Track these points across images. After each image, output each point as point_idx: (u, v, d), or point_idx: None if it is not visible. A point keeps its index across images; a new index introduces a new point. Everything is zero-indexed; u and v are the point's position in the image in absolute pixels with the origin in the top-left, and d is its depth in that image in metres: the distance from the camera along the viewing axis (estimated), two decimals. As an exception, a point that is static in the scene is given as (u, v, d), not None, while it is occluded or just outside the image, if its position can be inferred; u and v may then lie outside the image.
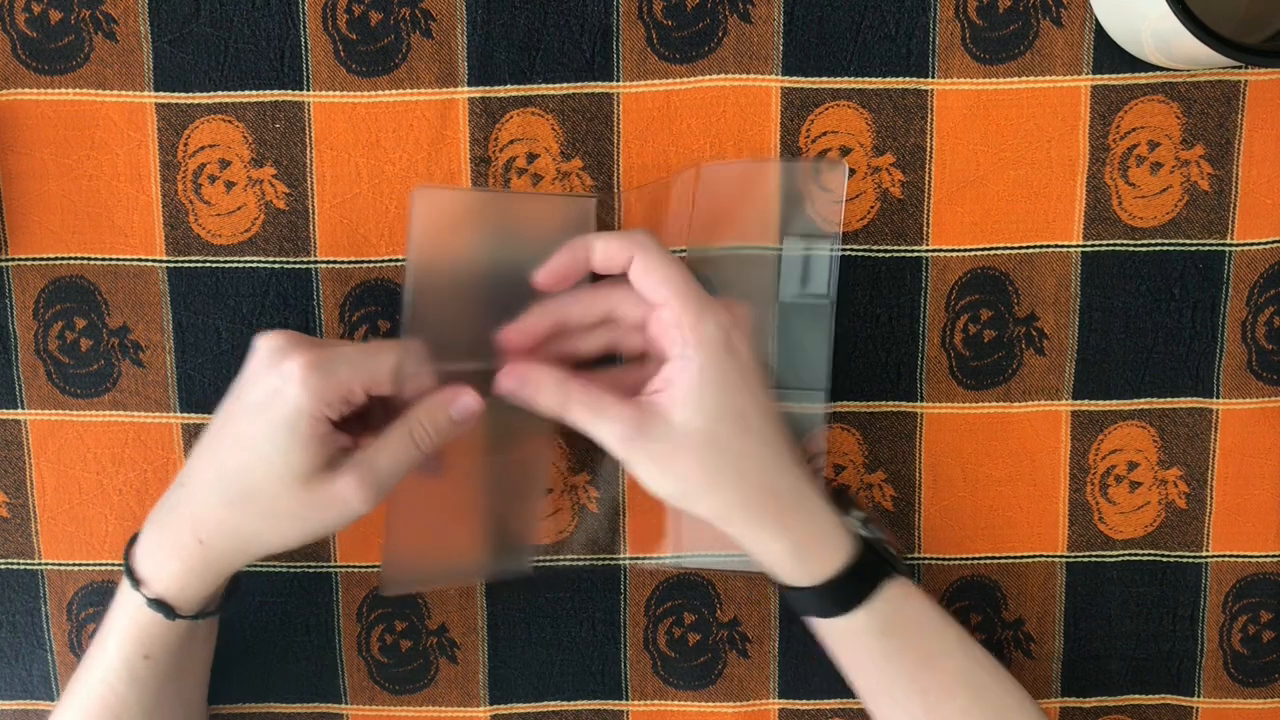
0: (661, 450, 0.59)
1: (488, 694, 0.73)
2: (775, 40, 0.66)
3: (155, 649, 0.62)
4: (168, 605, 0.61)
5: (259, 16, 0.66)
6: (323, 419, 0.58)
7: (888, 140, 0.67)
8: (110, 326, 0.69)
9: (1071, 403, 0.70)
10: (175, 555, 0.61)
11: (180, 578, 0.61)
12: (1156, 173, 0.67)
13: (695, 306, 0.59)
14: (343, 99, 0.66)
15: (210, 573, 0.61)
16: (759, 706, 0.73)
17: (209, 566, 0.60)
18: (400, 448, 0.59)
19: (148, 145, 0.67)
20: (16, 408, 0.70)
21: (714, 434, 0.59)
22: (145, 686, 0.63)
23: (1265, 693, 0.72)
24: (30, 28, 0.66)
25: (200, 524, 0.60)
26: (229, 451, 0.59)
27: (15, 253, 0.68)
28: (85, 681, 0.63)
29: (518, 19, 0.66)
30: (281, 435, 0.57)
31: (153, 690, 0.63)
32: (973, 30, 0.66)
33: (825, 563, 0.62)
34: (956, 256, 0.68)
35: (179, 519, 0.61)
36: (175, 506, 0.61)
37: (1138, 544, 0.71)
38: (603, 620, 0.72)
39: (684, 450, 0.59)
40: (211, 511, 0.59)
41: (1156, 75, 0.66)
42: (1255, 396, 0.69)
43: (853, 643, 0.64)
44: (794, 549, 0.61)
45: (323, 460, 0.58)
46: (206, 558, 0.60)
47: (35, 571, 0.71)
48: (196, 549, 0.60)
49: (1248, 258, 0.68)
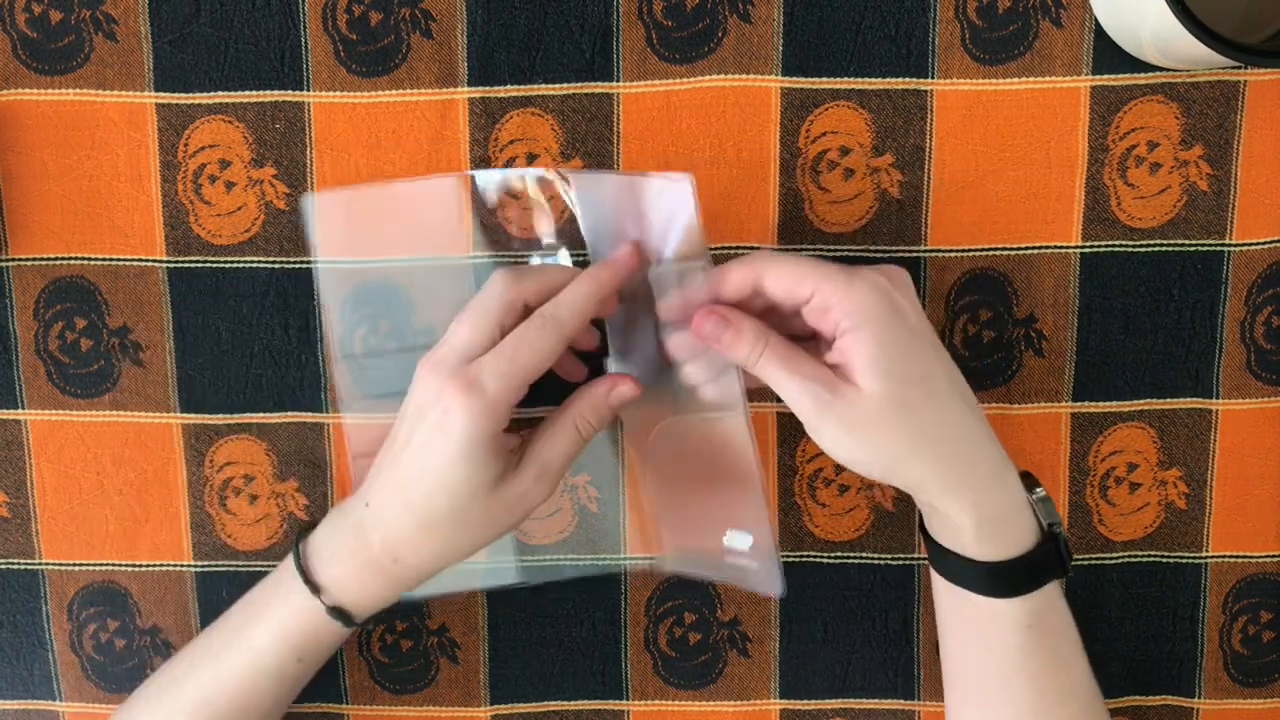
0: (857, 416, 0.57)
1: (488, 694, 0.73)
2: (775, 40, 0.66)
3: (309, 652, 0.63)
4: (347, 614, 0.62)
5: (259, 17, 0.66)
6: (495, 436, 0.58)
7: (887, 140, 0.67)
8: (110, 327, 0.69)
9: (1071, 404, 0.69)
10: (367, 569, 0.61)
11: (371, 591, 0.62)
12: (1155, 173, 0.67)
13: (841, 280, 0.57)
14: (343, 99, 0.66)
15: (400, 587, 0.62)
16: (759, 706, 0.73)
17: (401, 582, 0.62)
18: (567, 439, 0.61)
19: (148, 145, 0.67)
20: (17, 408, 0.70)
21: (904, 398, 0.57)
22: (286, 686, 0.64)
23: (1265, 693, 0.72)
24: (30, 28, 0.66)
25: (395, 546, 0.61)
26: (414, 483, 0.59)
27: (15, 253, 0.68)
28: (217, 665, 0.63)
29: (518, 19, 0.66)
30: (459, 463, 0.58)
31: (290, 689, 0.64)
32: (972, 31, 0.66)
33: (1006, 544, 0.59)
34: (955, 257, 0.68)
35: (369, 539, 0.61)
36: (361, 524, 0.61)
37: (1137, 545, 0.71)
38: (603, 620, 0.72)
39: (878, 418, 0.57)
40: (406, 535, 0.60)
41: (1156, 75, 0.66)
42: (1255, 397, 0.69)
43: (990, 626, 0.61)
44: (979, 524, 0.59)
45: (500, 469, 0.59)
46: (402, 576, 0.61)
47: (35, 572, 0.71)
48: (392, 567, 0.61)
49: (1246, 258, 0.68)
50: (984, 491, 0.59)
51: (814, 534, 0.71)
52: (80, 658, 0.72)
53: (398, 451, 0.60)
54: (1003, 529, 0.59)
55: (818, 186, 0.67)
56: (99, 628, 0.72)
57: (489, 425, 0.57)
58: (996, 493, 0.59)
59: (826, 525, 0.71)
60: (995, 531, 0.59)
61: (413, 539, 0.60)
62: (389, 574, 0.61)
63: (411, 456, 0.59)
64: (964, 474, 0.59)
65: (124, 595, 0.71)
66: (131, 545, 0.71)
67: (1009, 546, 0.60)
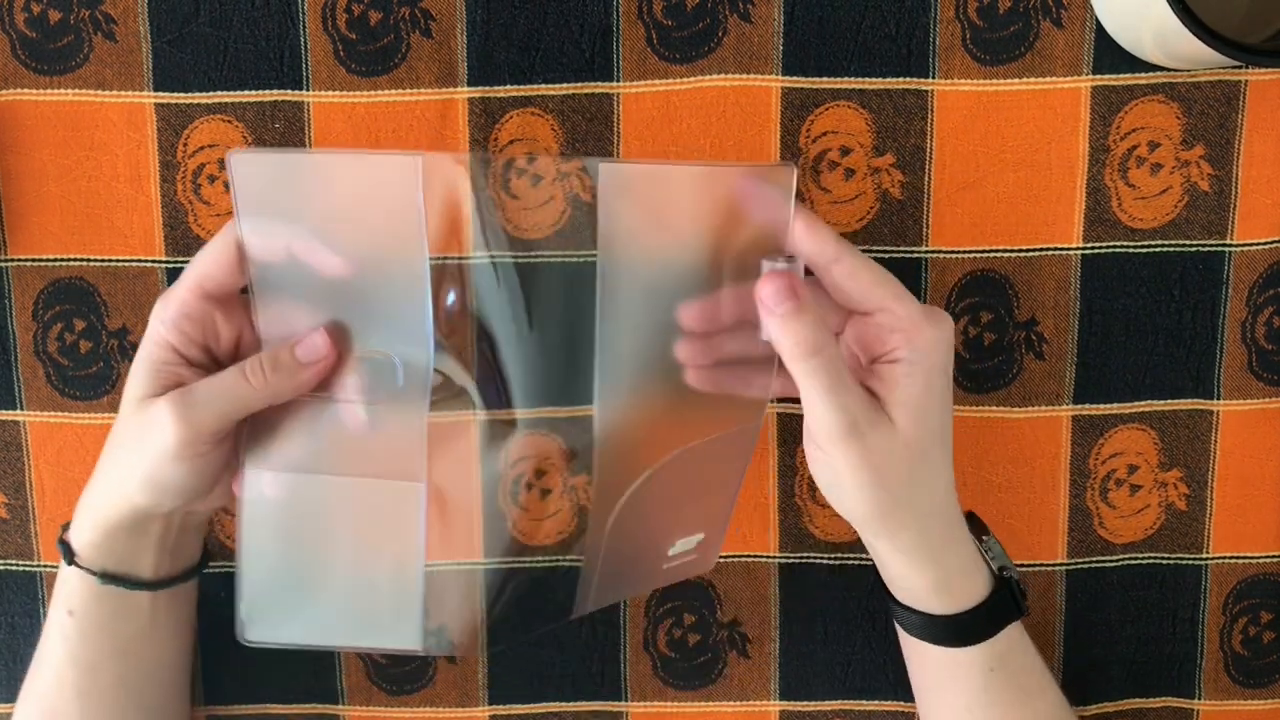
0: (881, 453, 0.55)
1: (487, 694, 0.73)
2: (775, 40, 0.66)
3: (76, 604, 0.62)
4: (69, 547, 0.62)
5: (259, 16, 0.66)
6: (162, 344, 0.58)
7: (888, 141, 0.67)
8: (109, 328, 0.69)
9: (1072, 407, 0.69)
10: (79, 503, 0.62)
11: (77, 521, 0.62)
12: (1156, 173, 0.67)
13: (919, 314, 0.56)
14: (342, 99, 0.66)
15: (100, 517, 0.60)
16: (759, 707, 0.73)
17: (96, 511, 0.61)
18: (227, 377, 0.57)
19: (147, 146, 0.67)
20: (16, 409, 0.70)
21: (927, 450, 0.56)
22: (73, 646, 0.63)
23: (1266, 694, 0.72)
24: (30, 28, 0.66)
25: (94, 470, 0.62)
26: None
27: (14, 253, 0.68)
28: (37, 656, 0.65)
29: (518, 19, 0.66)
30: (133, 367, 0.59)
31: (84, 656, 0.63)
32: (973, 31, 0.66)
33: (962, 597, 0.60)
34: (956, 258, 0.68)
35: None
36: None
37: (1138, 548, 0.71)
38: (602, 620, 0.72)
39: (897, 459, 0.55)
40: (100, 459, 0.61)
41: (1157, 75, 0.66)
42: (1255, 397, 0.69)
43: (953, 670, 0.62)
44: (940, 581, 0.59)
45: (157, 388, 0.58)
46: (89, 502, 0.61)
47: (34, 573, 0.71)
48: (86, 494, 0.62)
49: (1247, 258, 0.68)
50: (943, 547, 0.59)
51: (814, 535, 0.71)
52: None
53: None
54: (960, 584, 0.60)
55: (818, 186, 0.67)
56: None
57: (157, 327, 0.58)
58: (954, 548, 0.60)
59: (827, 526, 0.71)
60: (955, 587, 0.60)
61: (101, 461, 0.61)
62: (85, 500, 0.61)
63: None
64: (934, 529, 0.59)
65: (122, 596, 0.71)
66: (130, 547, 0.71)
67: (965, 599, 0.60)
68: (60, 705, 0.63)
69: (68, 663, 0.63)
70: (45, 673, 0.64)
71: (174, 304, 0.58)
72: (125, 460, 0.59)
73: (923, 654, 0.63)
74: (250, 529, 0.60)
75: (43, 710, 0.64)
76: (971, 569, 0.60)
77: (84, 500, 0.62)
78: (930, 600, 0.60)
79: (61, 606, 0.63)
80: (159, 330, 0.58)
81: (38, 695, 0.64)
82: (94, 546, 0.61)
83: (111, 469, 0.60)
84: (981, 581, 0.61)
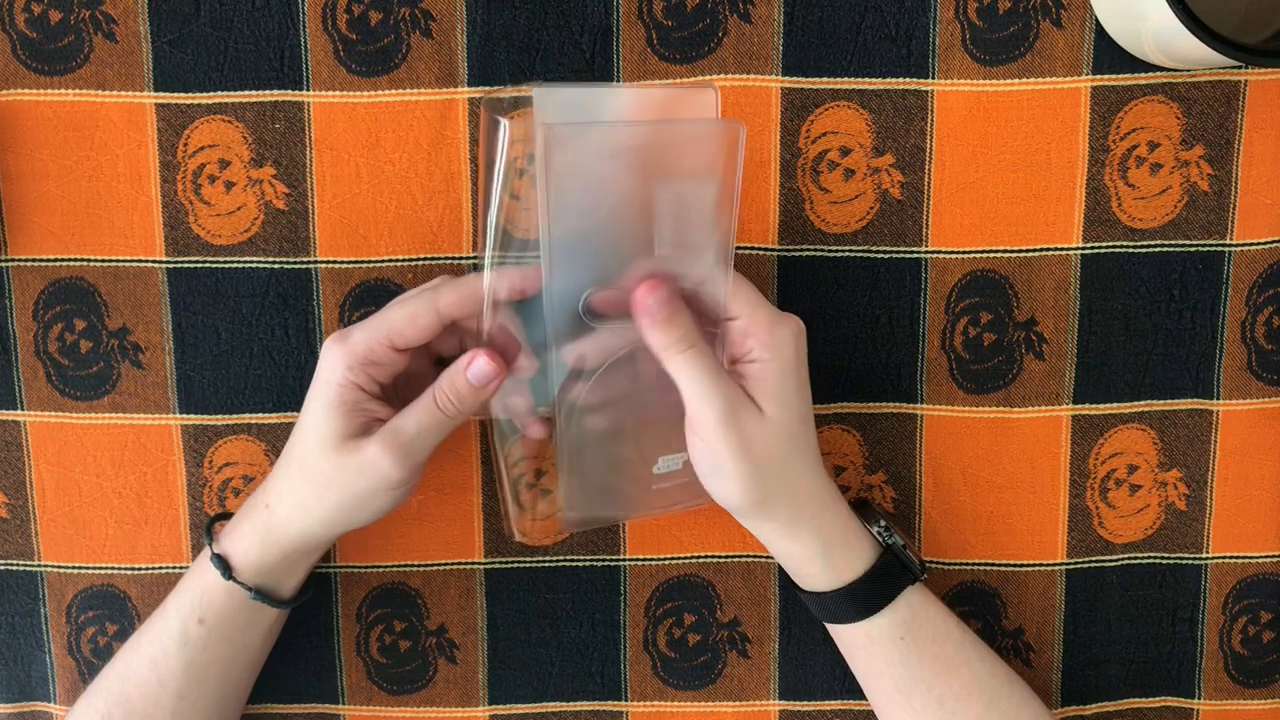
0: (750, 435, 0.60)
1: (487, 694, 0.73)
2: (775, 40, 0.66)
3: (210, 614, 0.64)
4: (226, 563, 0.63)
5: (259, 16, 0.66)
6: (349, 385, 0.60)
7: (888, 141, 0.67)
8: (110, 328, 0.69)
9: (1072, 407, 0.69)
10: (246, 518, 0.64)
11: (245, 539, 0.63)
12: (1156, 173, 0.67)
13: (767, 315, 0.60)
14: (342, 99, 0.66)
15: (272, 540, 0.63)
16: (759, 707, 0.73)
17: (271, 532, 0.63)
18: (424, 412, 0.61)
19: (147, 146, 0.67)
20: (16, 409, 0.70)
21: (794, 432, 0.61)
22: (194, 653, 0.64)
23: (1265, 693, 0.72)
24: (30, 28, 0.66)
25: (268, 491, 0.63)
26: (294, 431, 0.63)
27: (15, 253, 0.68)
28: (136, 640, 0.66)
29: (518, 19, 0.66)
30: (317, 407, 0.61)
31: (200, 662, 0.64)
32: (973, 31, 0.66)
33: (849, 567, 0.64)
34: (956, 258, 0.68)
35: (257, 493, 0.65)
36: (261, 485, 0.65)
37: (1137, 547, 0.71)
38: (602, 621, 0.72)
39: (770, 442, 0.60)
40: (276, 480, 0.63)
41: (1156, 75, 0.66)
42: (1255, 397, 0.69)
43: (871, 649, 0.65)
44: (823, 550, 0.63)
45: (354, 428, 0.61)
46: (270, 523, 0.63)
47: (34, 573, 0.71)
48: (263, 513, 0.63)
49: (1247, 258, 0.68)
50: (821, 519, 0.63)
51: (814, 535, 0.71)
52: (78, 660, 0.72)
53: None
54: (842, 553, 0.64)
55: (818, 187, 0.67)
56: (98, 631, 0.72)
57: (342, 371, 0.60)
58: (830, 520, 0.63)
59: (827, 526, 0.71)
60: (838, 557, 0.64)
61: (279, 484, 0.63)
62: (261, 520, 0.63)
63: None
64: (808, 505, 0.63)
65: (123, 599, 0.71)
66: (131, 548, 0.71)
67: (852, 568, 0.64)
68: (152, 707, 0.64)
69: (180, 667, 0.64)
70: (144, 672, 0.64)
71: (361, 350, 0.60)
72: (333, 498, 0.61)
73: (844, 642, 0.67)
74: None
75: (130, 710, 0.64)
76: (853, 540, 0.64)
77: (260, 519, 0.63)
78: (820, 576, 0.64)
79: (192, 614, 0.64)
80: (344, 374, 0.60)
81: (126, 696, 0.65)
82: (256, 564, 0.63)
83: (315, 504, 0.62)
84: (865, 552, 0.64)
